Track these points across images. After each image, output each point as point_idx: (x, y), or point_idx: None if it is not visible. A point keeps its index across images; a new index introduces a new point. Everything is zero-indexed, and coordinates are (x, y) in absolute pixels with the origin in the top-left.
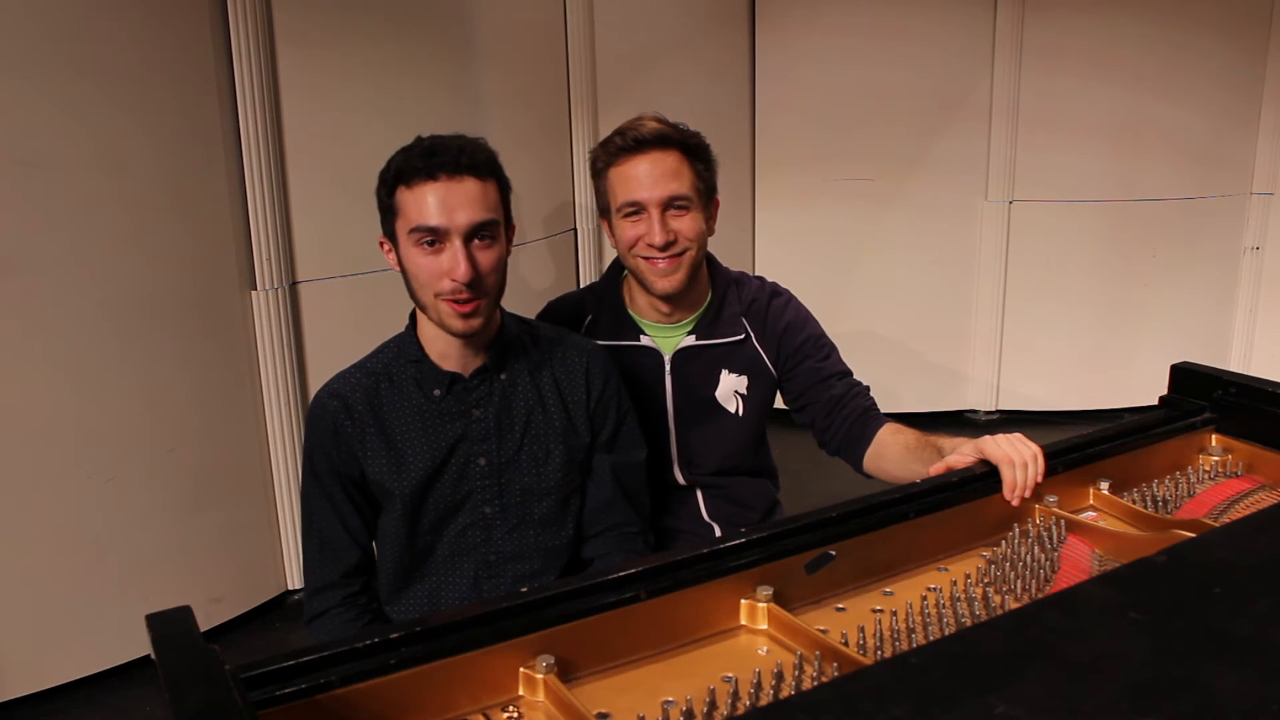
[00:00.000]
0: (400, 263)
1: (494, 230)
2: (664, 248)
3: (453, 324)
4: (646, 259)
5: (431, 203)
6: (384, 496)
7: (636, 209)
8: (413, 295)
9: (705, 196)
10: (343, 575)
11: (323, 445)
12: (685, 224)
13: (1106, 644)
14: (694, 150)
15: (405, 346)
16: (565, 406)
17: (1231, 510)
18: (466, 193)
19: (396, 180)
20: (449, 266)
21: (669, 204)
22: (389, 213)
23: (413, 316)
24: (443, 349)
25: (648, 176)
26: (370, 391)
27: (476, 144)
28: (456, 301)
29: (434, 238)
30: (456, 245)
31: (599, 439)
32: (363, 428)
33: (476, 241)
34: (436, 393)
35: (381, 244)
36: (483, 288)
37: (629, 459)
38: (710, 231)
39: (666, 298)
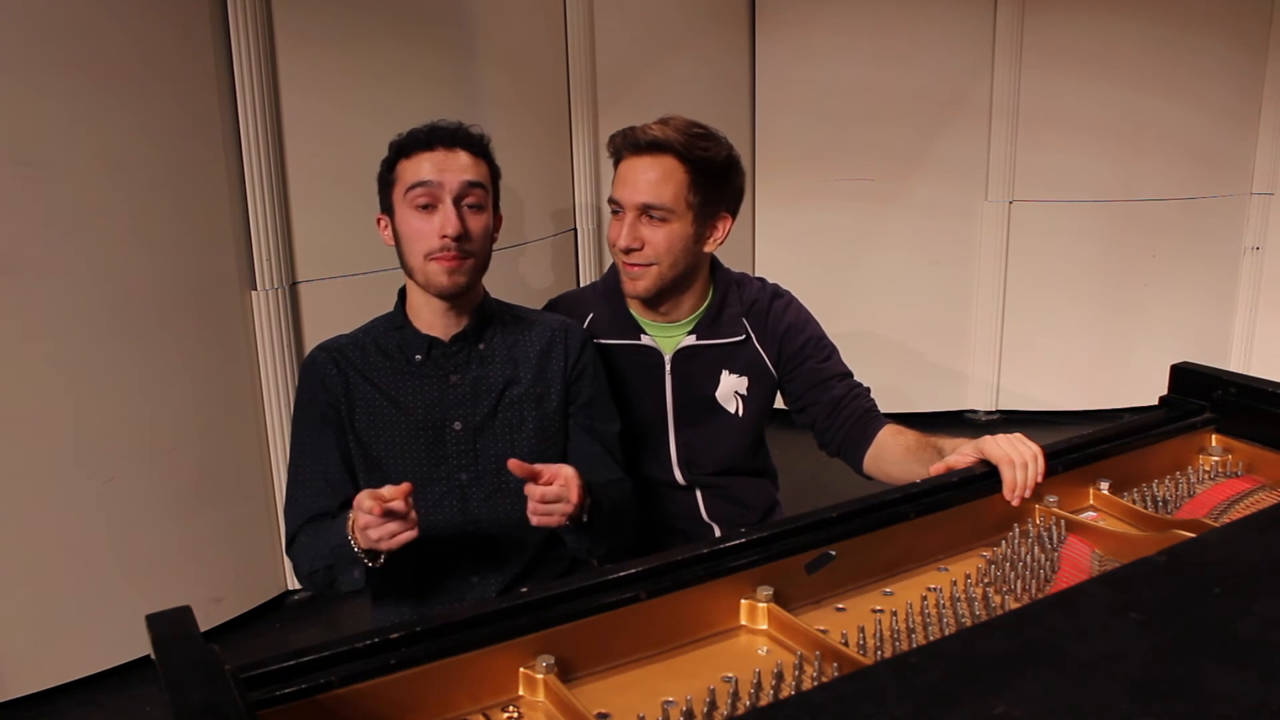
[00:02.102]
0: (395, 232)
1: (483, 197)
2: (626, 252)
3: (439, 280)
4: (621, 259)
5: (427, 165)
6: (362, 454)
7: (616, 207)
8: (404, 263)
9: (700, 210)
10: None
11: (311, 393)
12: (659, 235)
13: (1106, 644)
14: (698, 162)
15: (391, 317)
16: (539, 376)
17: (1231, 510)
18: (460, 160)
19: (398, 155)
20: (440, 225)
21: (644, 211)
22: (387, 185)
23: (401, 294)
24: (429, 319)
25: (632, 179)
26: (356, 355)
27: (473, 128)
28: (445, 258)
29: (428, 199)
30: (448, 205)
31: (575, 404)
32: (347, 379)
33: (467, 208)
34: (418, 357)
35: (379, 220)
36: (470, 246)
37: (605, 429)
38: (704, 246)
39: (642, 300)
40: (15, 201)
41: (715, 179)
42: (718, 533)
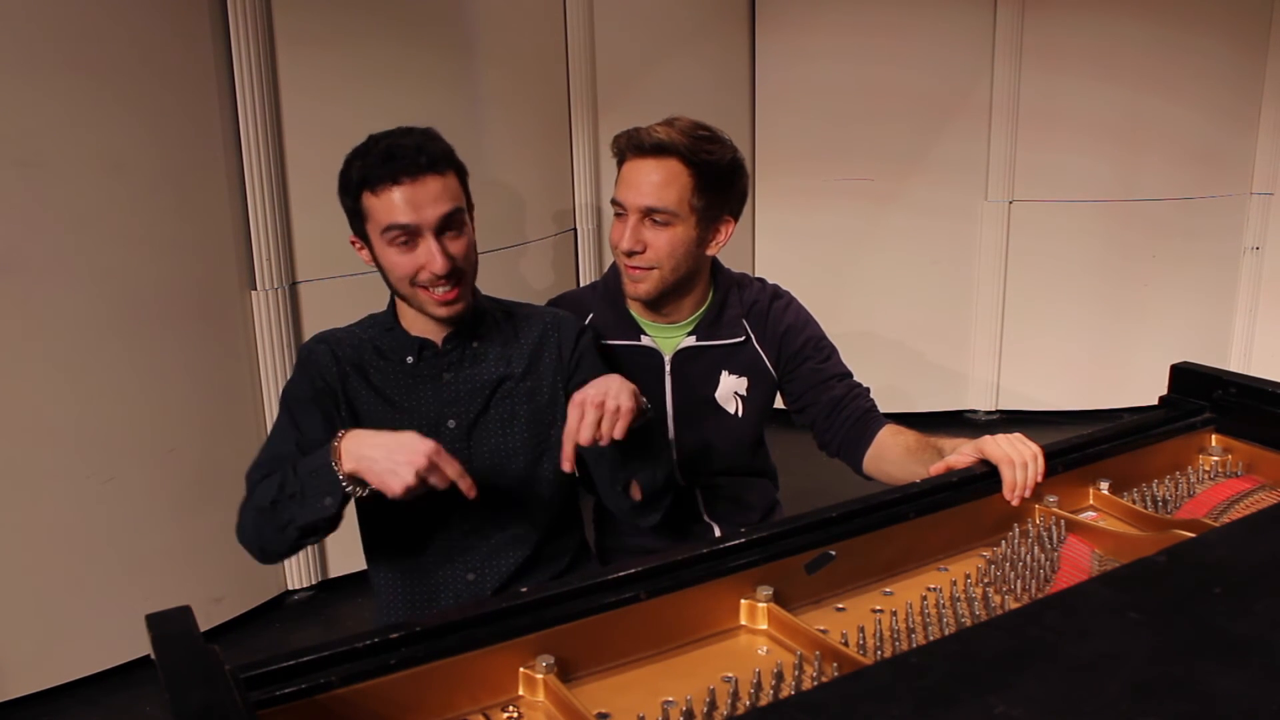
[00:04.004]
0: (375, 259)
1: (460, 218)
2: (628, 254)
3: (435, 311)
4: (623, 261)
5: (399, 204)
6: None
7: (619, 209)
8: (391, 288)
9: (703, 214)
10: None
11: (308, 379)
12: (661, 238)
13: (1106, 644)
14: (702, 165)
15: (383, 318)
16: (533, 369)
17: (1231, 510)
18: (430, 191)
19: (361, 186)
20: (425, 260)
21: (647, 214)
22: (356, 216)
23: (393, 296)
24: (421, 325)
25: (635, 181)
26: (353, 351)
27: (431, 139)
28: (438, 291)
29: (406, 236)
30: (429, 240)
31: (572, 385)
32: (345, 374)
33: (448, 234)
34: (409, 359)
35: (353, 242)
36: (459, 274)
37: None
38: (707, 249)
39: (643, 302)
40: (15, 201)
41: (719, 182)
42: (718, 533)
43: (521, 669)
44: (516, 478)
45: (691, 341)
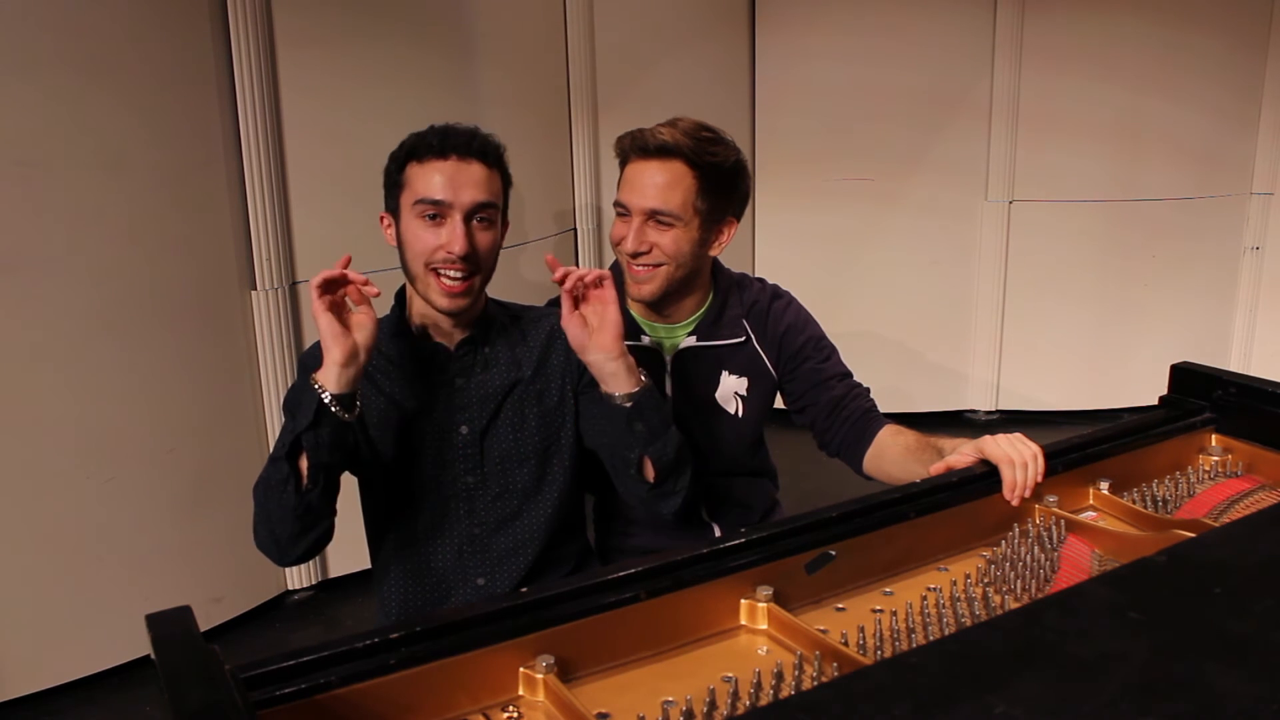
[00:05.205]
0: (398, 236)
1: (493, 215)
2: (634, 255)
3: (439, 300)
4: (628, 261)
5: (439, 179)
6: (368, 450)
7: (622, 210)
8: (405, 268)
9: (706, 216)
10: None
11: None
12: (666, 239)
13: (1106, 644)
14: (706, 168)
15: (392, 321)
16: (541, 371)
17: (1231, 510)
18: (473, 174)
19: (409, 156)
20: (447, 239)
21: (650, 216)
22: (395, 186)
23: (399, 297)
24: (432, 329)
25: (639, 184)
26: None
27: (488, 136)
28: (449, 276)
29: (436, 211)
30: (457, 220)
31: (582, 384)
32: None
33: (476, 222)
34: (419, 364)
35: (382, 219)
36: (476, 264)
37: None
38: (709, 250)
39: (645, 303)
40: (15, 201)
41: (723, 184)
42: (718, 533)
43: (521, 669)
44: (527, 480)
45: (692, 342)
